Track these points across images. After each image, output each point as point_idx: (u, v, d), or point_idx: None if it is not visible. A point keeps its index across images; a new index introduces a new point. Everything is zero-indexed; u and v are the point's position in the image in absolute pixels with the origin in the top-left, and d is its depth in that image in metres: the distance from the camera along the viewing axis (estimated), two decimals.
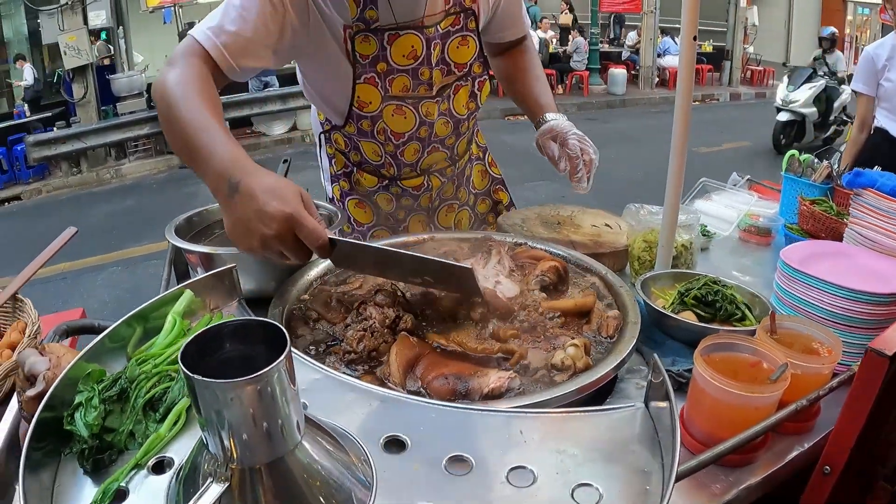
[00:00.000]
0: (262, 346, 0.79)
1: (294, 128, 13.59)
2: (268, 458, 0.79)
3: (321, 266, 1.70)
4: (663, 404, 0.97)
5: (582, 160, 1.91)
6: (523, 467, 0.91)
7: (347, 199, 2.20)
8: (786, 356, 1.28)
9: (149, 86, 12.68)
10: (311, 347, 1.39)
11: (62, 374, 1.03)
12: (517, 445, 0.96)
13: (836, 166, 2.69)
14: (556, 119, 2.00)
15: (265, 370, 0.73)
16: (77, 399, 1.01)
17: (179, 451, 0.95)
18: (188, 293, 1.32)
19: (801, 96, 11.15)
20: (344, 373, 1.24)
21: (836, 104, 11.39)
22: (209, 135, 1.33)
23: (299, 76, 2.09)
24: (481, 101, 2.10)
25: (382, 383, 1.23)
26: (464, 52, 1.94)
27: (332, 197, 2.24)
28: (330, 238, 1.25)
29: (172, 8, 14.28)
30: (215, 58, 1.56)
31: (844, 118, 11.40)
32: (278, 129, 13.49)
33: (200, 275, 1.68)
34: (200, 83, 1.47)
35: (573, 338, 1.36)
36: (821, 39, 13.41)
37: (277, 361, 0.73)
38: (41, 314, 1.66)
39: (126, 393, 1.04)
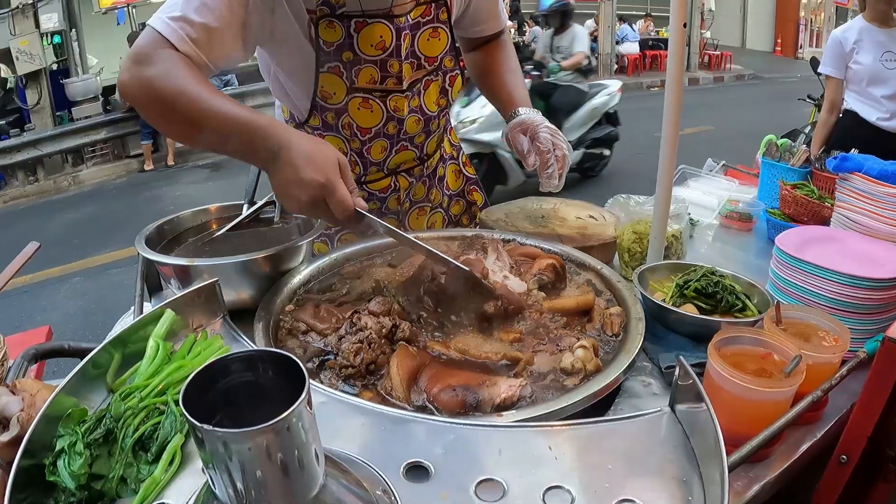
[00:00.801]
0: (270, 370, 0.72)
1: None
2: None
3: (304, 273, 1.63)
4: (697, 406, 0.92)
5: (554, 155, 1.79)
6: (560, 487, 0.86)
7: None
8: (798, 348, 1.25)
9: (104, 89, 12.39)
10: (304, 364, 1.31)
11: (38, 415, 0.94)
12: (548, 463, 0.90)
13: (802, 148, 2.68)
14: (528, 113, 1.88)
15: (284, 415, 0.64)
16: (59, 444, 0.92)
17: (179, 495, 0.88)
18: (169, 313, 1.24)
19: (478, 114, 6.87)
20: (342, 389, 1.18)
21: (581, 114, 7.95)
22: (235, 117, 1.36)
23: (262, 68, 1.97)
24: (452, 98, 2.03)
25: (384, 399, 1.17)
26: (434, 44, 1.85)
27: None
28: (357, 211, 1.32)
29: (126, 8, 13.91)
30: (184, 52, 1.44)
31: (607, 137, 8.57)
32: None
33: (174, 287, 1.61)
34: (190, 72, 1.41)
35: (578, 338, 1.31)
36: (545, 16, 9.58)
37: (298, 402, 0.65)
38: (4, 334, 1.56)
39: (112, 433, 0.96)
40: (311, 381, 1.06)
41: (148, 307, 1.82)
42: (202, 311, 1.34)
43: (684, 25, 1.54)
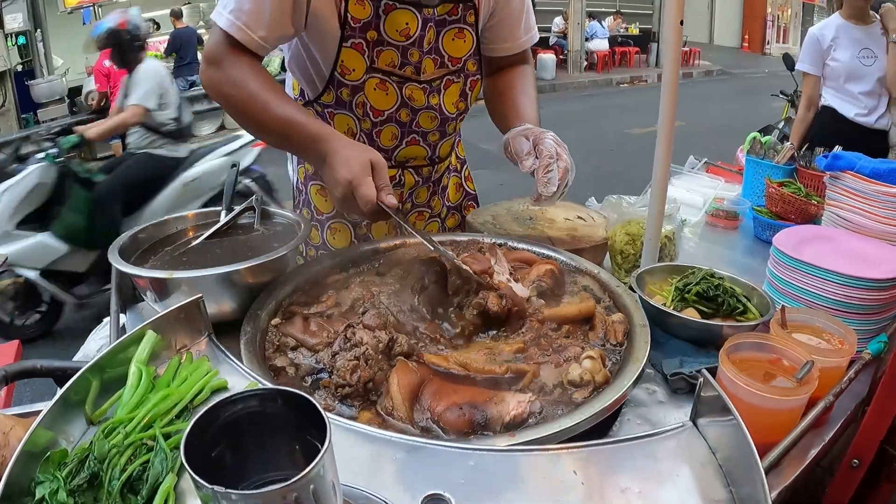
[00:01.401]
0: (278, 400, 0.66)
1: (222, 126, 13.16)
2: None
3: (289, 284, 1.56)
4: (724, 419, 0.87)
5: (556, 164, 1.68)
6: None
7: (311, 183, 2.10)
8: (809, 353, 1.21)
9: (70, 90, 12.11)
10: (297, 383, 1.24)
11: (15, 456, 0.85)
12: (574, 489, 0.86)
13: (787, 145, 2.68)
14: (535, 127, 1.81)
15: (305, 474, 0.57)
16: (39, 492, 0.83)
17: None
18: (151, 335, 1.16)
19: None
20: (339, 411, 1.12)
21: (168, 195, 5.35)
22: (293, 123, 1.57)
23: None
24: (471, 103, 2.00)
25: (385, 419, 1.10)
26: (459, 45, 1.85)
27: (297, 180, 2.15)
28: (380, 205, 1.44)
29: (92, 8, 13.65)
30: (244, 42, 1.61)
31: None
32: (206, 128, 13.02)
33: (151, 300, 1.53)
34: (255, 76, 1.61)
35: (583, 348, 1.26)
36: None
37: (319, 457, 0.58)
38: None
39: (98, 477, 0.88)
40: (328, 414, 1.00)
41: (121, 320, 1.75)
42: (186, 330, 1.27)
43: (681, 23, 1.49)
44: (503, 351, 1.27)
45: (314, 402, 0.63)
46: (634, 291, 1.55)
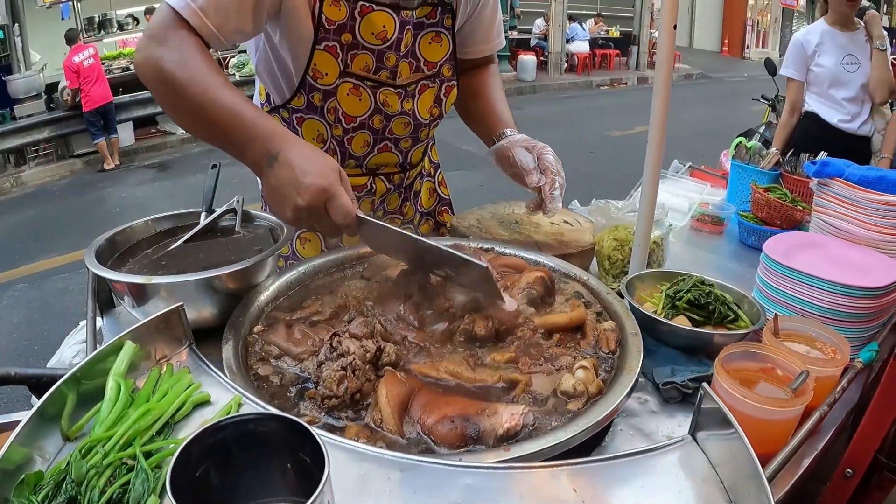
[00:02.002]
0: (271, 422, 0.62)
1: None
2: None
3: (271, 289, 1.52)
4: (724, 432, 0.85)
5: (558, 179, 1.74)
6: None
7: None
8: (804, 363, 1.20)
9: (48, 86, 11.91)
10: (282, 393, 1.20)
11: None
12: None
13: (772, 151, 2.68)
14: (521, 134, 1.86)
15: None
16: None
17: None
18: (129, 346, 1.12)
19: None
20: (326, 423, 1.08)
21: None
22: (240, 113, 1.35)
23: (252, 44, 1.88)
24: (445, 109, 1.97)
25: (373, 432, 1.07)
26: (436, 49, 1.82)
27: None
28: (358, 216, 1.29)
29: (70, 3, 13.43)
30: (197, 27, 1.43)
31: None
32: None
33: (128, 305, 1.49)
34: (203, 58, 1.41)
35: (575, 357, 1.24)
36: None
37: (318, 491, 0.55)
38: None
39: (76, 501, 0.83)
40: (318, 431, 0.96)
41: (98, 324, 1.70)
42: (166, 340, 1.23)
43: (674, 27, 1.47)
44: (494, 360, 1.24)
45: (311, 430, 0.59)
46: (623, 298, 1.53)
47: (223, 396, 1.11)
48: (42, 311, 5.79)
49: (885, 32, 4.20)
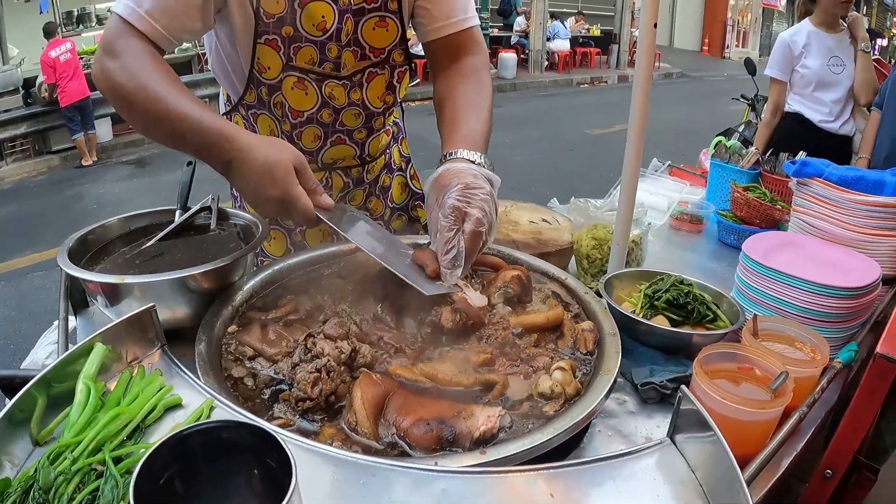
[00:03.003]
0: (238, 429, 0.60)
1: None
2: None
3: (246, 288, 1.49)
4: (702, 435, 0.84)
5: (461, 231, 1.33)
6: None
7: None
8: (783, 363, 1.19)
9: (25, 81, 11.74)
10: (256, 395, 1.18)
11: None
12: None
13: (752, 150, 2.69)
14: (460, 159, 1.48)
15: None
16: None
17: None
18: (100, 348, 1.09)
19: None
20: (300, 426, 1.06)
21: None
22: (191, 119, 1.35)
23: (206, 45, 1.86)
24: (399, 95, 1.90)
25: (348, 435, 1.05)
26: (381, 35, 1.72)
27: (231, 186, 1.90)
28: (317, 216, 1.33)
29: None
30: (146, 32, 1.45)
31: None
32: None
33: (101, 305, 1.46)
34: (152, 66, 1.43)
35: (552, 358, 1.22)
36: None
37: (286, 500, 0.53)
38: None
39: None
40: (284, 432, 0.94)
41: (72, 324, 1.67)
42: (137, 341, 1.19)
43: (654, 26, 1.46)
44: (470, 360, 1.22)
45: (278, 437, 0.57)
46: (602, 297, 1.52)
47: (195, 399, 1.08)
48: (19, 309, 5.70)
49: (868, 34, 4.24)
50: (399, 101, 1.94)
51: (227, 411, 1.04)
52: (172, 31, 1.48)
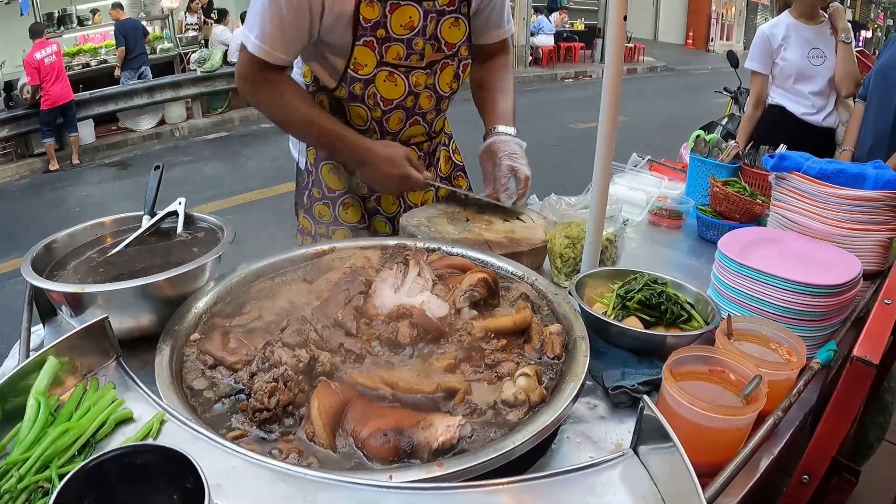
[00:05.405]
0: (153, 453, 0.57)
1: (162, 122, 12.78)
2: None
3: (210, 294, 1.45)
4: (663, 445, 0.80)
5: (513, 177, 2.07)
6: None
7: (322, 164, 2.27)
8: (756, 366, 1.16)
9: (6, 84, 11.59)
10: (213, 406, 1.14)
11: None
12: None
13: (731, 144, 2.65)
14: (502, 133, 2.18)
15: None
16: None
17: None
18: (52, 361, 1.06)
19: None
20: (257, 436, 1.02)
21: None
22: (334, 134, 1.98)
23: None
24: (462, 83, 2.22)
25: (305, 446, 1.01)
26: (455, 32, 2.05)
27: (306, 163, 2.32)
28: (428, 183, 2.06)
29: None
30: (273, 62, 1.87)
31: None
32: (146, 123, 12.64)
33: (66, 315, 1.44)
34: (290, 95, 1.96)
35: (518, 363, 1.19)
36: None
37: None
38: None
39: None
40: (230, 444, 0.90)
41: (41, 335, 1.65)
42: (92, 352, 1.16)
43: (624, 18, 1.43)
44: (432, 365, 1.19)
45: (194, 461, 0.53)
46: (574, 297, 1.48)
47: (147, 412, 1.05)
48: (1, 314, 5.61)
49: (850, 25, 4.22)
50: (460, 87, 2.24)
51: (179, 425, 1.00)
52: (290, 54, 1.90)
